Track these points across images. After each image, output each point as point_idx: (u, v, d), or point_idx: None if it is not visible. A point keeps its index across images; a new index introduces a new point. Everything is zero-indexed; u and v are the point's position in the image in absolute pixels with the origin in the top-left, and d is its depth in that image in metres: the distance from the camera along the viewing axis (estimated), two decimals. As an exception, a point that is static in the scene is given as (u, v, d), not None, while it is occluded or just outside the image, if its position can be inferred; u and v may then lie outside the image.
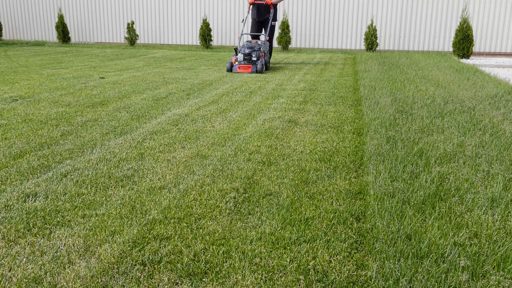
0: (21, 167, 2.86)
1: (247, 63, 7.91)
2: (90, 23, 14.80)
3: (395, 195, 2.42)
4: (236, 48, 8.17)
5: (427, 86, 6.10)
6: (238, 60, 7.96)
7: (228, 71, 7.80)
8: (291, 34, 13.32)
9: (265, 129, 3.89)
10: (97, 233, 2.04)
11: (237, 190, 2.54)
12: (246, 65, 7.82)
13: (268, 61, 8.36)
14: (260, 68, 7.72)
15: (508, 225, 2.14)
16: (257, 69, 7.72)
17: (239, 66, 7.81)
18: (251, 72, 7.70)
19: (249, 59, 7.92)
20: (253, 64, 7.82)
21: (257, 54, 7.90)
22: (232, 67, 7.89)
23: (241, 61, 7.94)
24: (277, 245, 1.96)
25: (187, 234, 2.04)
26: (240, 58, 7.94)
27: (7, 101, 4.95)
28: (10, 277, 1.71)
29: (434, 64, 8.88)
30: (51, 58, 9.79)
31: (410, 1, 12.67)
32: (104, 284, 1.68)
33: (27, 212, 2.24)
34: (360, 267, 1.80)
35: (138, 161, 3.04)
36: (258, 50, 7.94)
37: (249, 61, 7.90)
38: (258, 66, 7.72)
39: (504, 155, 3.12)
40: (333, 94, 5.72)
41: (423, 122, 4.01)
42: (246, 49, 7.90)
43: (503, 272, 1.75)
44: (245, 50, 7.89)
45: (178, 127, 3.97)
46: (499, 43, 12.57)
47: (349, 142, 3.51)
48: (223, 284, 1.69)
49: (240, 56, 7.95)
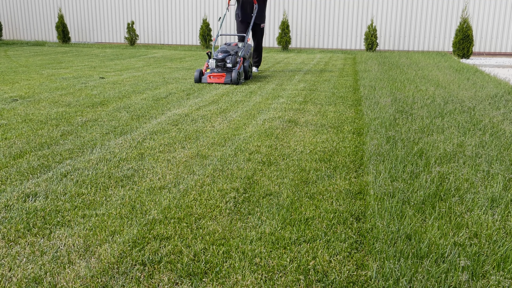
0: (21, 167, 2.86)
1: (220, 71, 6.52)
2: (90, 23, 14.81)
3: (395, 195, 2.42)
4: (210, 53, 6.82)
5: (427, 86, 6.10)
6: (209, 67, 6.60)
7: (196, 82, 6.40)
8: (291, 34, 13.32)
9: (265, 129, 3.89)
10: (97, 233, 2.04)
11: (237, 190, 2.54)
12: (218, 74, 6.44)
13: (250, 69, 7.00)
14: (235, 77, 6.27)
15: (508, 225, 2.14)
16: (231, 79, 6.29)
17: (210, 75, 6.44)
18: (225, 82, 6.33)
19: (222, 66, 6.51)
20: (228, 72, 6.45)
21: (233, 60, 6.52)
22: (202, 77, 6.50)
23: (213, 68, 6.56)
24: (277, 245, 1.96)
25: (187, 234, 2.04)
26: (211, 64, 6.54)
27: (7, 101, 4.95)
28: (10, 277, 1.71)
29: (434, 64, 8.88)
30: (51, 58, 9.79)
31: (410, 1, 12.67)
32: (104, 284, 1.68)
33: (27, 212, 2.24)
34: (360, 267, 1.80)
35: (138, 161, 3.04)
36: (235, 55, 6.61)
37: (223, 69, 6.53)
38: (233, 75, 6.28)
39: (504, 155, 3.12)
40: (333, 94, 5.72)
41: (423, 122, 4.01)
42: (219, 53, 6.55)
43: (503, 272, 1.75)
44: (217, 55, 6.53)
45: (178, 127, 3.97)
46: (499, 43, 12.57)
47: (349, 142, 3.51)
48: (223, 284, 1.69)
49: (211, 62, 6.55)
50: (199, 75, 6.45)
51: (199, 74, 6.45)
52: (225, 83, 6.32)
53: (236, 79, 6.29)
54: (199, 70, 6.48)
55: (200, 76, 6.47)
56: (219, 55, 6.54)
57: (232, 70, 6.49)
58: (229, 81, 6.32)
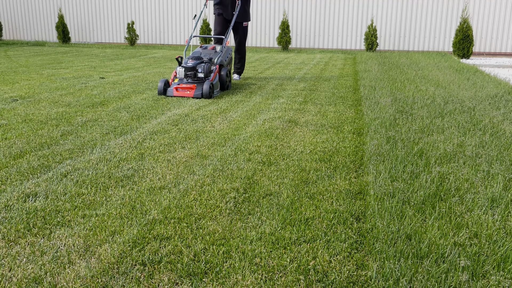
0: (21, 167, 2.86)
1: (190, 81, 5.44)
2: (90, 23, 14.81)
3: (395, 195, 2.42)
4: (181, 58, 5.67)
5: (427, 86, 6.10)
6: (177, 76, 5.51)
7: (160, 94, 5.35)
8: (291, 34, 13.32)
9: (265, 129, 3.89)
10: (97, 233, 2.04)
11: (237, 190, 2.54)
12: (187, 86, 5.33)
13: (229, 77, 5.96)
14: (206, 90, 5.20)
15: (508, 225, 2.14)
16: (202, 92, 5.22)
17: (176, 86, 5.33)
18: (194, 96, 5.24)
19: (192, 75, 5.43)
20: (199, 84, 5.36)
21: (206, 69, 5.42)
22: (168, 88, 5.39)
23: (182, 78, 5.48)
24: (277, 245, 1.96)
25: (187, 234, 2.04)
26: (180, 73, 5.46)
27: (7, 101, 4.95)
28: (10, 277, 1.71)
29: (434, 64, 8.88)
30: (51, 58, 9.79)
31: (410, 1, 12.67)
32: (104, 284, 1.67)
33: (27, 212, 2.24)
34: (360, 267, 1.80)
35: (138, 161, 3.04)
36: (208, 62, 5.54)
37: (194, 79, 5.45)
38: (204, 88, 5.20)
39: (504, 155, 3.12)
40: (333, 94, 5.72)
41: (423, 122, 4.01)
42: (189, 60, 5.45)
43: (503, 272, 1.75)
44: (187, 62, 5.42)
45: (178, 127, 3.98)
46: (499, 43, 12.57)
47: (349, 142, 3.51)
48: (223, 284, 1.69)
49: (179, 71, 5.45)
50: (163, 86, 5.37)
51: (163, 85, 5.37)
52: (194, 97, 5.25)
53: (207, 93, 5.21)
54: (163, 81, 5.38)
55: (166, 87, 5.40)
56: (189, 62, 5.43)
57: (205, 81, 5.40)
58: (200, 95, 5.25)
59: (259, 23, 13.72)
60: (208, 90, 5.23)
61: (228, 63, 6.18)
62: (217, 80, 5.61)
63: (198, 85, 5.36)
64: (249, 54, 11.68)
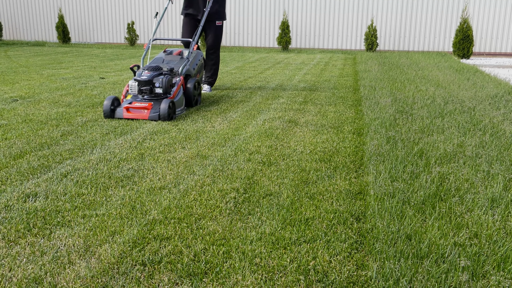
0: (21, 167, 2.86)
1: (147, 98, 4.34)
2: (90, 23, 14.81)
3: (395, 195, 2.42)
4: (138, 67, 4.71)
5: (427, 86, 6.10)
6: (130, 91, 4.43)
7: (106, 117, 4.20)
8: (291, 34, 13.32)
9: (265, 129, 3.89)
10: (97, 233, 2.04)
11: (237, 190, 2.54)
12: (141, 105, 4.22)
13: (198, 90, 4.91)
14: (164, 111, 4.12)
15: (508, 225, 2.14)
16: (159, 113, 4.15)
17: (127, 106, 4.22)
18: (150, 118, 4.16)
19: (148, 91, 4.31)
20: (157, 102, 4.30)
21: (165, 82, 4.32)
22: (116, 108, 4.23)
23: (135, 94, 4.41)
24: (277, 245, 1.96)
25: (187, 234, 2.04)
26: (132, 89, 4.39)
27: (7, 101, 4.96)
28: (10, 277, 1.71)
29: (434, 64, 8.88)
30: (51, 58, 9.79)
31: (410, 1, 12.67)
32: (104, 284, 1.68)
33: (27, 212, 2.24)
34: (360, 267, 1.80)
35: (138, 161, 3.04)
36: (169, 74, 4.49)
37: (151, 95, 4.35)
38: (162, 108, 4.12)
39: (504, 155, 3.12)
40: (333, 94, 5.72)
41: (423, 122, 4.01)
42: (145, 71, 4.39)
43: (503, 272, 1.75)
44: (141, 75, 4.34)
45: (178, 127, 3.97)
46: (499, 44, 12.57)
47: (349, 142, 3.51)
48: (223, 284, 1.69)
49: (132, 85, 4.39)
50: (110, 105, 4.17)
51: (110, 104, 4.17)
52: (150, 120, 4.15)
53: (165, 114, 4.12)
54: (111, 99, 4.19)
55: (114, 107, 4.22)
56: (143, 74, 4.34)
57: (165, 97, 4.37)
58: (156, 117, 4.14)
59: (259, 23, 13.72)
60: (167, 110, 4.11)
61: (197, 72, 5.14)
62: (180, 96, 4.51)
63: (156, 103, 4.25)
64: (249, 54, 11.68)
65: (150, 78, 4.30)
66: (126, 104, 4.27)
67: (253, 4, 13.53)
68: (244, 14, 13.68)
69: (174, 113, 4.28)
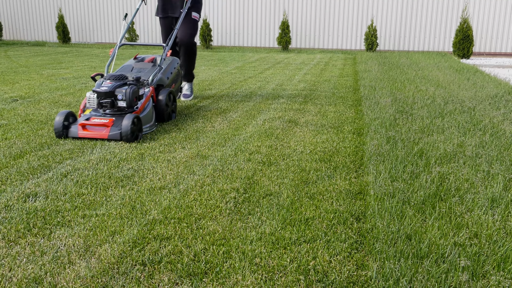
0: (21, 167, 2.86)
1: (109, 113, 3.65)
2: (91, 23, 14.81)
3: (395, 195, 2.42)
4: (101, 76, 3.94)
5: (427, 86, 6.10)
6: (88, 105, 3.75)
7: (59, 137, 3.51)
8: (291, 34, 13.32)
9: (265, 129, 3.89)
10: (97, 233, 2.04)
11: (237, 190, 2.54)
12: (99, 122, 3.53)
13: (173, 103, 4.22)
14: (127, 128, 3.40)
15: (508, 225, 2.14)
16: (121, 132, 3.43)
17: (83, 122, 3.54)
18: (110, 137, 3.47)
19: (109, 105, 3.62)
20: (119, 117, 3.58)
21: (129, 94, 3.62)
22: (71, 125, 3.55)
23: (94, 109, 3.72)
24: (277, 245, 1.96)
25: (187, 234, 2.04)
26: (91, 102, 3.71)
27: (7, 101, 4.96)
28: (10, 277, 1.71)
29: (434, 64, 8.88)
30: (51, 58, 9.79)
31: (410, 1, 12.67)
32: (104, 284, 1.68)
33: (27, 212, 2.24)
34: (360, 267, 1.80)
35: (138, 161, 3.04)
36: (134, 85, 3.75)
37: (113, 110, 3.65)
38: (124, 125, 3.40)
39: (504, 155, 3.12)
40: (333, 94, 5.72)
41: (423, 122, 4.01)
42: (106, 81, 3.70)
43: (503, 272, 1.75)
44: (101, 85, 3.67)
45: (178, 127, 3.98)
46: (499, 43, 12.57)
47: (349, 142, 3.51)
48: (223, 284, 1.69)
49: (90, 97, 3.71)
50: (63, 121, 3.48)
51: (63, 119, 3.48)
52: (109, 140, 3.47)
53: (128, 132, 3.38)
54: (63, 114, 3.50)
55: (68, 123, 3.53)
56: (104, 84, 3.65)
57: (130, 112, 3.66)
58: (118, 136, 3.43)
59: (259, 23, 13.72)
60: (129, 128, 3.38)
61: (172, 81, 4.46)
62: (149, 110, 3.79)
63: (119, 119, 3.53)
64: (249, 54, 11.69)
65: (111, 89, 3.62)
66: (83, 120, 3.56)
67: (253, 4, 13.53)
68: (244, 14, 13.68)
69: (140, 131, 3.54)
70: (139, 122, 3.55)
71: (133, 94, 3.67)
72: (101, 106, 3.66)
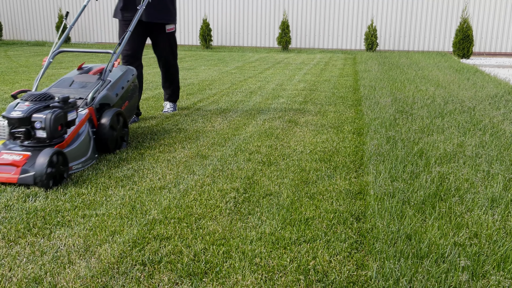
0: (21, 167, 2.86)
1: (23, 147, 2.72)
2: (91, 23, 14.81)
3: (395, 195, 2.42)
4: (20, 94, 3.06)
5: (427, 86, 6.10)
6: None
7: None
8: (291, 34, 13.32)
9: (265, 129, 3.89)
10: (97, 233, 2.04)
11: (237, 190, 2.54)
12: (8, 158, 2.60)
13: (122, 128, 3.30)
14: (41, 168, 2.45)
15: (508, 225, 2.14)
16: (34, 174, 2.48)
17: None
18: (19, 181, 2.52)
19: (25, 135, 2.69)
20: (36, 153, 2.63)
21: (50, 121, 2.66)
22: None
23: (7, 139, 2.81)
24: (277, 245, 1.96)
25: (187, 234, 2.04)
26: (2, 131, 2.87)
27: (8, 101, 4.95)
28: (10, 277, 1.71)
29: (434, 64, 8.88)
30: (51, 58, 9.78)
31: (410, 1, 12.67)
32: (104, 284, 1.67)
33: (27, 212, 2.24)
34: (360, 267, 1.80)
35: (138, 161, 3.04)
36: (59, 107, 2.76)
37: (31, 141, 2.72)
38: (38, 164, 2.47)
39: (504, 155, 3.12)
40: (333, 94, 5.72)
41: (423, 122, 4.01)
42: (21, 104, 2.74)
43: (503, 272, 1.75)
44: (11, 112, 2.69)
45: (178, 127, 3.97)
46: (499, 43, 12.57)
47: (349, 142, 3.51)
48: (223, 284, 1.69)
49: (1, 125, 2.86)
50: None
51: None
52: (19, 184, 2.57)
53: (43, 174, 2.48)
54: None
55: None
56: (18, 107, 2.73)
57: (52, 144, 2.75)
58: (31, 179, 2.52)
59: (259, 23, 13.72)
60: (45, 168, 2.48)
61: (124, 99, 3.54)
62: (82, 141, 2.94)
63: (35, 155, 2.63)
64: (249, 54, 11.69)
65: (26, 115, 2.66)
66: None
67: (253, 4, 13.53)
68: (244, 14, 13.67)
69: (65, 171, 2.67)
70: (63, 159, 2.64)
71: (55, 121, 2.69)
72: (14, 136, 2.71)
